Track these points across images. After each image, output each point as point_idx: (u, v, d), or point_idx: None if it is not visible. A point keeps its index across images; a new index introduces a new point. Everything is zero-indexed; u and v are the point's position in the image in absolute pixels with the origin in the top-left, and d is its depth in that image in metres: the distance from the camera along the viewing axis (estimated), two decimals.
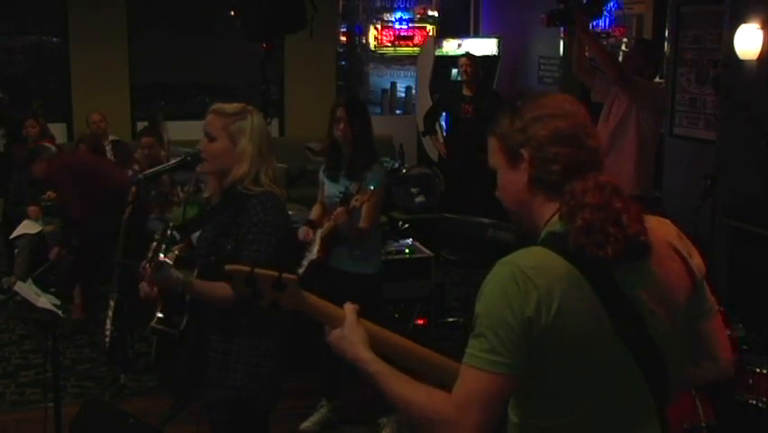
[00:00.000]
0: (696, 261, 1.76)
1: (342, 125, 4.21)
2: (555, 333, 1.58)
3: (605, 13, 5.23)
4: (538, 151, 1.69)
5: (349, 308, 1.85)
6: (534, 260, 1.63)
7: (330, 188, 4.34)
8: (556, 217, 1.68)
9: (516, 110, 1.75)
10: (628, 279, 1.64)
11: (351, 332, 1.79)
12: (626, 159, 5.00)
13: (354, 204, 3.96)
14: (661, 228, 1.75)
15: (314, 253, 4.26)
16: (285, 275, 1.79)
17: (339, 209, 4.06)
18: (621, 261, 1.60)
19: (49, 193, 6.71)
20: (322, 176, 4.46)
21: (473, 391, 1.59)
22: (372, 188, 3.99)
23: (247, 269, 1.78)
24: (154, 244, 2.82)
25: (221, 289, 2.66)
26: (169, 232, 2.86)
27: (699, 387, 3.57)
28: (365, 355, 1.75)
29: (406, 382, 1.69)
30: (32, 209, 6.61)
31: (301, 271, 4.28)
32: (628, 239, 1.59)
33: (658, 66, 5.57)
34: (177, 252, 2.92)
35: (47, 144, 6.84)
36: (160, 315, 3.09)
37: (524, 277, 1.59)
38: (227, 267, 1.80)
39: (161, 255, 2.77)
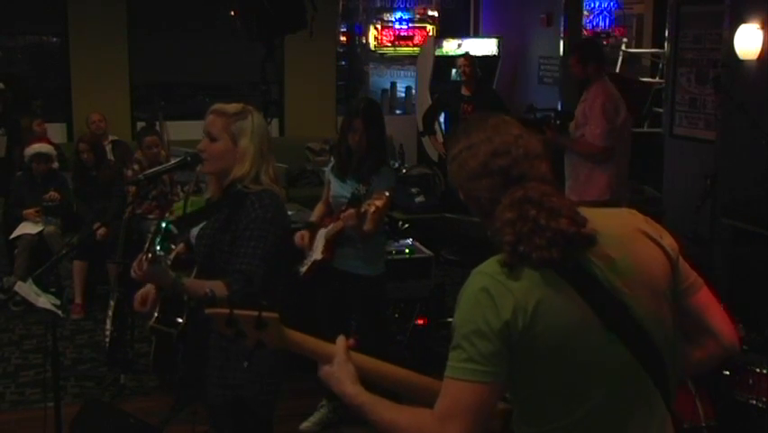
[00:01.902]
0: (668, 240, 1.78)
1: (357, 137, 4.16)
2: (536, 333, 1.59)
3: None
4: (465, 190, 1.77)
5: (340, 345, 1.88)
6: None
7: (337, 188, 4.30)
8: None
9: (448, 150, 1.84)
10: (600, 268, 1.65)
11: (338, 369, 1.84)
12: (595, 167, 5.29)
13: (367, 208, 3.92)
14: (627, 216, 1.80)
15: (318, 253, 4.25)
16: (264, 313, 1.79)
17: (349, 212, 4.01)
18: (569, 257, 1.62)
19: (51, 193, 6.71)
20: (329, 174, 4.42)
21: (455, 403, 1.61)
22: (387, 193, 3.96)
23: (226, 311, 1.78)
24: (150, 236, 2.81)
25: (215, 287, 2.63)
26: (164, 225, 2.84)
27: (699, 386, 3.57)
28: (351, 390, 1.80)
29: (391, 408, 1.73)
30: (28, 212, 6.60)
31: (303, 269, 4.27)
32: (562, 236, 1.62)
33: (600, 61, 5.61)
34: (175, 248, 2.90)
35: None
36: (158, 314, 3.08)
37: (495, 284, 1.62)
38: (207, 311, 1.81)
39: (158, 249, 2.76)
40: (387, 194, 3.93)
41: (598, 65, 5.48)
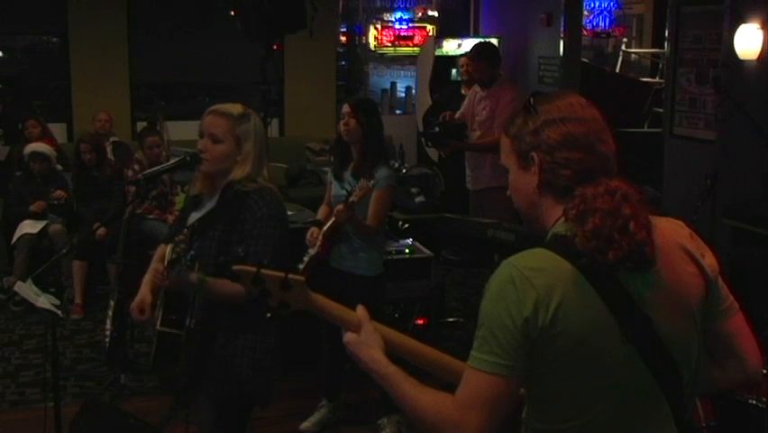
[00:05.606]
0: (708, 261, 1.75)
1: (346, 119, 4.22)
2: (555, 334, 1.58)
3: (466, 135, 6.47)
4: (549, 155, 1.69)
5: (362, 313, 1.88)
6: (534, 261, 1.63)
7: (336, 188, 4.35)
8: (562, 219, 1.68)
9: (529, 111, 1.74)
10: (634, 281, 1.63)
11: (368, 336, 1.83)
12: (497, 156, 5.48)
13: (353, 199, 3.97)
14: (672, 229, 1.75)
15: (315, 248, 4.27)
16: (291, 276, 1.82)
17: (339, 206, 4.08)
18: (622, 267, 1.59)
19: (58, 191, 6.70)
20: (330, 176, 4.48)
21: (475, 393, 1.61)
22: (371, 183, 3.98)
23: (253, 269, 1.81)
24: (171, 245, 2.84)
25: (232, 285, 2.64)
26: (189, 259, 2.85)
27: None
28: (380, 358, 1.79)
29: (415, 387, 1.71)
30: (37, 204, 6.60)
31: (301, 266, 4.29)
32: (632, 247, 1.58)
33: (500, 62, 6.32)
34: (181, 246, 2.91)
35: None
36: (162, 317, 3.07)
37: (522, 278, 1.59)
38: (234, 267, 1.83)
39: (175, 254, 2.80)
40: (370, 183, 3.95)
41: (499, 66, 6.23)
